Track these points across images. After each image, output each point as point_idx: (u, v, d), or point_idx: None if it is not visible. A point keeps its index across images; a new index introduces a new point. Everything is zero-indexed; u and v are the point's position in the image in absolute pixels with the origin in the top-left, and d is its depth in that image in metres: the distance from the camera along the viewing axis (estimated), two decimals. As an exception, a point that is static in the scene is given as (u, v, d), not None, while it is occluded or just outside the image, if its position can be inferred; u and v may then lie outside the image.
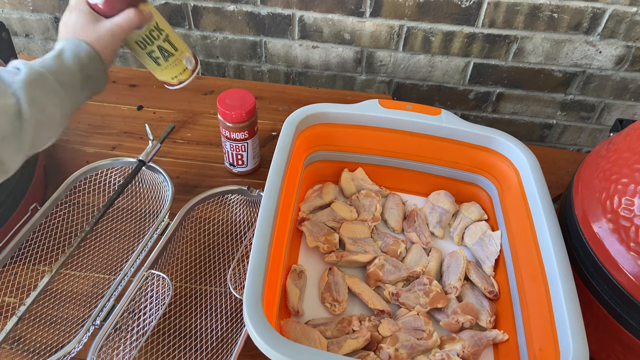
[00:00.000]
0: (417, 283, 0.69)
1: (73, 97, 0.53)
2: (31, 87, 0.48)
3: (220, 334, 0.66)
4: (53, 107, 0.50)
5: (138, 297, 0.66)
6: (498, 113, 1.23)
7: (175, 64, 0.62)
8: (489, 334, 0.65)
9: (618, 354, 0.61)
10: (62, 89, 0.51)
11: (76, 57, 0.53)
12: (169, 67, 0.62)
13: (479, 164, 0.78)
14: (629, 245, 0.55)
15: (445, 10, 1.03)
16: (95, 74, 0.55)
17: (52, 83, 0.50)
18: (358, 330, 0.63)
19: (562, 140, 1.27)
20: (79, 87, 0.53)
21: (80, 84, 0.53)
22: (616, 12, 1.00)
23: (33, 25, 1.15)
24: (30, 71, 0.48)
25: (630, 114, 1.18)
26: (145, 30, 0.58)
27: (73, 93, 0.53)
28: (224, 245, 0.76)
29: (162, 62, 0.61)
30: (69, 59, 0.52)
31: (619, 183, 0.57)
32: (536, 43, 1.07)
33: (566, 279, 0.57)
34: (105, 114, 0.97)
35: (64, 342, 0.64)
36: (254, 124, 0.80)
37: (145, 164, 0.79)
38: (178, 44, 0.62)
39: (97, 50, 0.54)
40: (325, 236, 0.73)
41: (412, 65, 1.14)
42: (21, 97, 0.46)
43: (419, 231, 0.77)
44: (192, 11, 1.09)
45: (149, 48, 0.60)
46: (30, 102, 0.47)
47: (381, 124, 0.76)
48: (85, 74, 0.53)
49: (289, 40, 1.12)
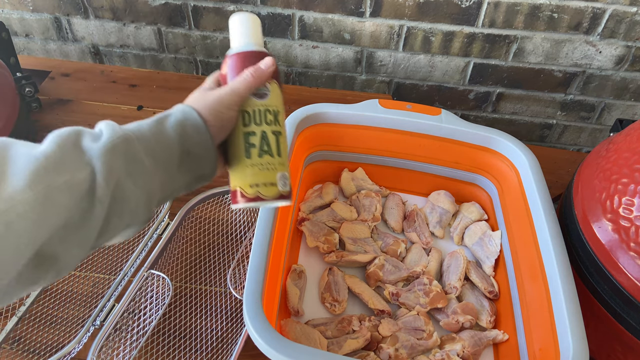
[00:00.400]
0: (417, 283, 0.69)
1: (166, 177, 0.40)
2: (111, 156, 0.35)
3: (220, 334, 0.66)
4: (135, 186, 0.37)
5: (138, 297, 0.66)
6: (498, 113, 1.23)
7: (266, 168, 0.44)
8: (489, 334, 0.65)
9: (618, 354, 0.61)
10: (151, 163, 0.38)
11: (179, 126, 0.40)
12: (256, 167, 0.44)
13: (479, 164, 0.78)
14: (629, 245, 0.55)
15: (445, 10, 1.03)
16: (198, 150, 0.41)
17: (138, 153, 0.37)
18: (358, 330, 0.63)
19: (562, 140, 1.27)
20: (175, 165, 0.40)
21: (177, 160, 0.40)
22: (616, 12, 1.00)
23: (33, 25, 1.15)
24: (114, 136, 0.37)
25: (630, 114, 1.18)
26: (259, 103, 0.45)
27: (166, 172, 0.40)
28: (224, 245, 0.76)
29: (252, 154, 0.44)
30: (170, 127, 0.40)
31: (619, 183, 0.57)
32: (536, 43, 1.07)
33: (566, 279, 0.57)
34: (106, 114, 0.97)
35: (64, 342, 0.64)
36: (254, 124, 0.80)
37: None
38: (283, 151, 0.46)
39: (205, 120, 0.41)
40: (325, 236, 0.73)
41: (412, 65, 1.14)
42: (97, 167, 0.35)
43: (419, 231, 0.77)
44: (192, 11, 1.09)
45: (251, 127, 0.44)
46: (107, 176, 0.35)
47: (381, 124, 0.76)
48: (185, 149, 0.40)
49: (289, 40, 1.12)
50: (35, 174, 0.32)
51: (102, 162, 0.35)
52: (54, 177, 0.32)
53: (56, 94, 1.01)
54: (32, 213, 0.31)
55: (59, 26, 1.15)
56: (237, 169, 0.44)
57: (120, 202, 0.36)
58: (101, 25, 1.14)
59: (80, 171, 0.34)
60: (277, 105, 0.46)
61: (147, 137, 0.39)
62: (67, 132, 0.36)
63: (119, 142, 0.36)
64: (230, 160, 0.45)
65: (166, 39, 1.15)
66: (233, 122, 0.43)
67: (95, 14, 1.12)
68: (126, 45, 1.18)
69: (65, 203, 0.33)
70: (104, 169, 0.35)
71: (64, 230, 0.33)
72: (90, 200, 0.34)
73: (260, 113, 0.44)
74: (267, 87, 0.45)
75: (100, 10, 1.11)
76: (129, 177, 0.37)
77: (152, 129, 0.40)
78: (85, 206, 0.34)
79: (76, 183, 0.33)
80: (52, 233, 0.32)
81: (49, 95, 1.00)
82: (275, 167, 0.44)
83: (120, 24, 1.13)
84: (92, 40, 1.17)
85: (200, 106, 0.42)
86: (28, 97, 0.91)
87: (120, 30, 1.14)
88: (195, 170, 0.42)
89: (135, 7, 1.10)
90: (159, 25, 1.13)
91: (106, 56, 1.21)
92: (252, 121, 0.44)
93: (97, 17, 1.12)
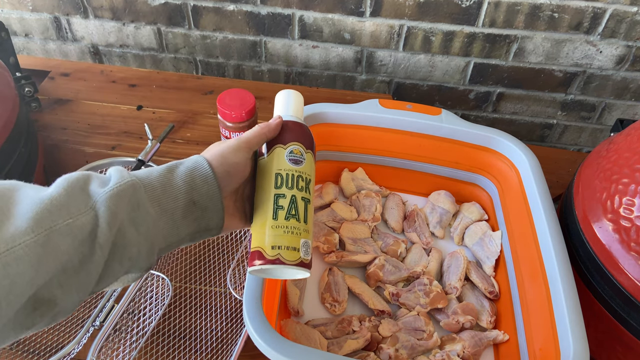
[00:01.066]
0: (417, 283, 0.69)
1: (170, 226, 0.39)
2: (115, 201, 0.35)
3: (220, 334, 0.66)
4: (137, 232, 0.37)
5: (138, 298, 0.66)
6: (498, 113, 1.22)
7: (291, 231, 0.43)
8: (490, 334, 0.65)
9: (618, 354, 0.61)
10: (156, 211, 0.38)
11: (189, 175, 0.40)
12: (281, 228, 0.43)
13: (479, 164, 0.78)
14: (630, 245, 0.54)
15: (445, 10, 1.03)
16: (205, 201, 0.41)
17: (143, 200, 0.37)
18: (358, 330, 0.63)
19: (562, 140, 1.27)
20: (179, 214, 0.40)
21: (182, 210, 0.40)
22: (617, 12, 1.00)
23: (32, 25, 1.15)
24: (121, 181, 0.36)
25: (631, 114, 1.18)
26: (293, 168, 0.45)
27: (171, 221, 0.39)
28: (223, 245, 0.76)
29: (279, 216, 0.43)
30: (180, 175, 0.40)
31: (619, 183, 0.57)
32: (536, 43, 1.07)
33: (566, 279, 0.57)
34: (105, 114, 0.97)
35: (63, 343, 0.64)
36: (254, 124, 0.80)
37: (145, 164, 0.79)
38: (310, 219, 0.46)
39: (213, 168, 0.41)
40: (325, 236, 0.73)
41: (412, 65, 1.13)
42: (101, 212, 0.34)
43: (419, 231, 0.77)
44: (192, 11, 1.09)
45: (282, 190, 0.44)
46: (110, 221, 0.35)
47: (381, 124, 0.76)
48: (191, 198, 0.40)
49: (289, 40, 1.12)
50: (39, 216, 0.32)
51: (107, 206, 0.35)
52: (57, 220, 0.32)
53: (56, 94, 1.00)
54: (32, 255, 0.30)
55: (59, 26, 1.15)
56: (261, 229, 0.43)
57: (122, 248, 0.36)
58: (101, 25, 1.14)
59: (84, 215, 0.34)
60: (309, 174, 0.46)
61: (154, 185, 0.39)
62: (76, 176, 0.36)
63: (125, 188, 0.36)
64: (255, 220, 0.44)
65: (166, 38, 1.15)
66: (240, 169, 0.43)
67: (95, 13, 1.12)
68: (126, 45, 1.18)
69: (65, 246, 0.32)
70: (107, 213, 0.34)
71: (63, 274, 0.32)
72: (91, 244, 0.34)
73: (294, 178, 0.45)
74: (302, 154, 0.46)
75: (99, 10, 1.11)
76: (131, 223, 0.36)
77: (161, 177, 0.39)
78: (85, 250, 0.33)
79: (78, 226, 0.33)
80: (50, 276, 0.32)
81: (49, 95, 1.00)
82: (300, 232, 0.44)
83: (120, 23, 1.13)
84: (92, 40, 1.17)
85: (210, 155, 0.42)
86: (27, 97, 0.91)
87: (119, 30, 1.14)
88: (201, 221, 0.41)
89: (134, 7, 1.09)
90: (159, 25, 1.13)
91: (106, 56, 1.21)
92: (284, 184, 0.44)
93: (96, 16, 1.12)
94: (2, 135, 0.67)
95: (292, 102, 0.50)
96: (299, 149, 0.46)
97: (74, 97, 1.00)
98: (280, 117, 0.47)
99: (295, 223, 0.44)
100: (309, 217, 0.45)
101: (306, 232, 0.44)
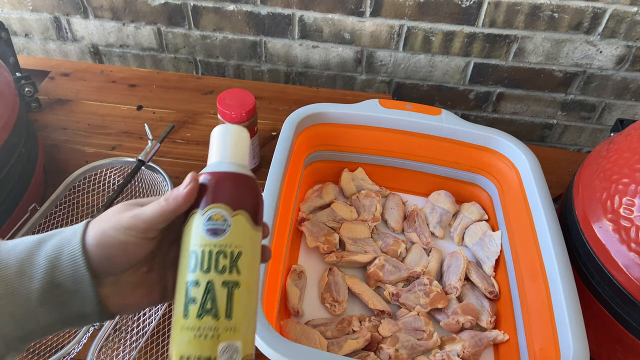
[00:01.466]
0: (417, 283, 0.69)
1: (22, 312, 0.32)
2: None
3: (220, 334, 0.66)
4: None
5: (138, 298, 0.66)
6: (498, 113, 1.22)
7: (204, 335, 0.32)
8: (490, 334, 0.65)
9: (618, 354, 0.61)
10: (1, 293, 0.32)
11: (55, 252, 0.33)
12: (191, 331, 0.32)
13: (479, 164, 0.78)
14: (630, 245, 0.54)
15: (445, 10, 1.03)
16: (71, 284, 0.33)
17: None
18: (358, 330, 0.63)
19: (562, 140, 1.27)
20: (34, 298, 0.32)
21: (38, 293, 0.32)
22: (617, 12, 1.00)
23: (32, 25, 1.15)
24: None
25: (631, 114, 1.18)
26: (210, 242, 0.33)
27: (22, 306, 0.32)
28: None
29: (190, 314, 0.32)
30: (45, 250, 0.33)
31: (619, 183, 0.57)
32: (536, 43, 1.07)
33: (566, 279, 0.57)
34: (105, 114, 0.97)
35: (63, 343, 0.64)
36: (253, 124, 0.80)
37: (145, 164, 0.79)
38: (240, 311, 0.33)
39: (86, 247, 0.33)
40: (325, 236, 0.73)
41: (412, 65, 1.13)
42: None
43: (419, 231, 0.77)
44: (192, 11, 1.09)
45: (196, 274, 0.33)
46: None
47: (381, 124, 0.76)
48: (53, 280, 0.32)
49: (289, 40, 1.12)
50: None
51: None
52: None
53: (56, 94, 1.00)
54: None
55: (59, 26, 1.15)
56: (174, 330, 0.33)
57: None
58: (101, 25, 1.14)
59: None
60: (239, 245, 0.33)
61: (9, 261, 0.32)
62: None
63: None
64: (173, 312, 0.34)
65: (166, 38, 1.15)
66: (130, 249, 0.34)
67: (95, 13, 1.12)
68: (126, 45, 1.18)
69: None
70: None
71: None
72: None
73: (211, 256, 0.33)
74: (226, 220, 0.33)
75: (99, 10, 1.11)
76: None
77: (23, 252, 0.33)
78: None
79: None
80: None
81: (49, 95, 1.00)
82: (218, 334, 0.32)
83: (120, 23, 1.13)
84: (92, 40, 1.17)
85: (94, 228, 0.34)
86: (27, 97, 0.91)
87: (119, 30, 1.14)
88: (68, 306, 0.33)
89: (134, 7, 1.09)
90: (159, 25, 1.13)
91: (106, 56, 1.21)
92: (198, 266, 0.33)
93: (96, 16, 1.12)
94: (2, 135, 0.67)
95: (229, 142, 0.36)
96: (220, 214, 0.33)
97: (74, 97, 1.00)
98: (195, 178, 0.35)
99: (212, 322, 0.32)
100: (237, 308, 0.32)
101: (231, 332, 0.32)
